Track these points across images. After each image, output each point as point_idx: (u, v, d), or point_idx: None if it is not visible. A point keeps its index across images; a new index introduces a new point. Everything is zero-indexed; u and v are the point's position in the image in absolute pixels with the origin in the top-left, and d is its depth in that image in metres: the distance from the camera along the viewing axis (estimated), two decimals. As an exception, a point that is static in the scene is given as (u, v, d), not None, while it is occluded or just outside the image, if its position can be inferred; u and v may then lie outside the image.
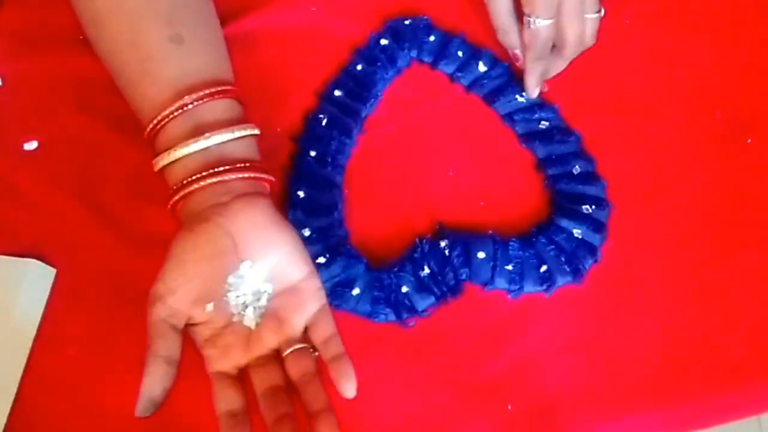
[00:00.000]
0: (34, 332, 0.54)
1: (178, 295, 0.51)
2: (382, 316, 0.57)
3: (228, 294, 0.53)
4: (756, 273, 0.60)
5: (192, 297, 0.52)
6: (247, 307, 0.53)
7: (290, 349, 0.53)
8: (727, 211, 0.62)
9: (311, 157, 0.61)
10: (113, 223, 0.58)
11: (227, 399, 0.52)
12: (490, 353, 0.57)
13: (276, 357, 0.53)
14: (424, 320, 0.57)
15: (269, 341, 0.53)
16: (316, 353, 0.54)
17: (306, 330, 0.54)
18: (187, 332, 0.53)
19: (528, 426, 0.55)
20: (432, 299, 0.57)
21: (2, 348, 0.54)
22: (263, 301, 0.54)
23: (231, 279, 0.53)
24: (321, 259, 0.57)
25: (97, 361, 0.54)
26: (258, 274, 0.53)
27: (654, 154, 0.63)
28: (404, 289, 0.57)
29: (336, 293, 0.57)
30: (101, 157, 0.60)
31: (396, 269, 0.58)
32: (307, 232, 0.58)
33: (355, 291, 0.57)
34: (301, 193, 0.59)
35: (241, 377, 0.53)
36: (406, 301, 0.57)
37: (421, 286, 0.57)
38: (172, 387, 0.51)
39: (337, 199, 0.60)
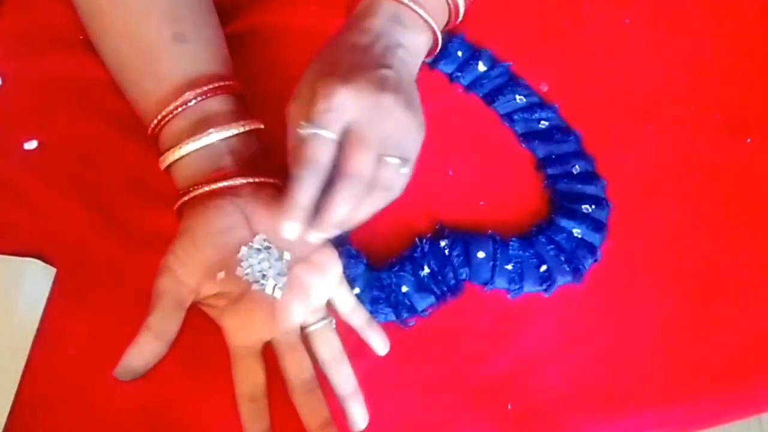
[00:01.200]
0: (34, 332, 0.54)
1: (189, 266, 0.51)
2: (382, 316, 0.57)
3: (242, 263, 0.53)
4: (756, 273, 0.60)
5: (202, 267, 0.52)
6: (265, 276, 0.53)
7: (316, 326, 0.54)
8: (726, 211, 0.62)
9: (311, 156, 0.61)
10: (113, 223, 0.58)
11: (248, 381, 0.52)
12: (490, 353, 0.57)
13: (302, 337, 0.54)
14: (424, 320, 0.57)
15: (296, 314, 0.53)
16: (333, 323, 0.55)
17: (328, 302, 0.55)
18: (198, 312, 0.53)
19: (528, 426, 0.55)
20: (432, 299, 0.57)
21: (2, 348, 0.54)
22: (282, 269, 0.53)
23: (245, 249, 0.53)
24: (321, 259, 0.57)
25: (97, 361, 0.53)
26: (272, 246, 0.53)
27: (654, 153, 0.63)
28: (404, 288, 0.57)
29: (336, 293, 0.57)
30: (101, 157, 0.60)
31: (396, 269, 0.58)
32: (307, 232, 0.58)
33: (355, 290, 0.57)
34: (301, 193, 0.59)
35: (264, 352, 0.53)
36: (406, 301, 0.57)
37: (421, 286, 0.57)
38: (157, 362, 0.51)
39: (337, 198, 0.60)
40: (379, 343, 0.55)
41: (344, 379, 0.53)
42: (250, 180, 0.54)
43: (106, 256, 0.57)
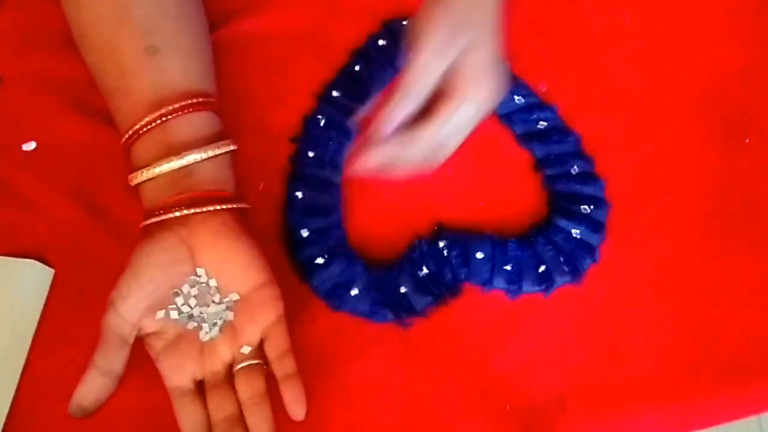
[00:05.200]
0: (33, 332, 0.54)
1: (130, 302, 0.51)
2: (381, 317, 0.57)
3: (176, 299, 0.53)
4: (756, 273, 0.60)
5: (144, 304, 0.52)
6: (194, 317, 0.53)
7: (242, 365, 0.53)
8: (726, 211, 0.62)
9: (309, 158, 0.61)
10: (113, 223, 0.58)
11: (190, 419, 0.51)
12: (489, 353, 0.57)
13: (230, 374, 0.53)
14: (423, 320, 0.57)
15: (223, 353, 0.53)
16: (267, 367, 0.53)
17: (261, 342, 0.54)
18: (143, 345, 0.53)
19: (528, 426, 0.55)
20: (430, 299, 0.57)
21: (2, 348, 0.54)
22: (219, 310, 0.53)
23: (177, 291, 0.53)
24: (319, 260, 0.57)
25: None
26: (210, 282, 0.53)
27: (653, 154, 0.63)
28: (403, 289, 0.57)
29: (335, 294, 0.57)
30: (101, 157, 0.60)
31: (394, 269, 0.58)
32: (305, 233, 0.58)
33: (354, 291, 0.57)
34: (299, 194, 0.59)
35: (200, 389, 0.53)
36: (405, 302, 0.57)
37: (420, 287, 0.57)
38: (106, 399, 0.51)
39: (335, 199, 0.60)
40: (294, 403, 0.51)
41: (260, 422, 0.51)
42: (200, 210, 0.53)
43: (105, 256, 0.57)
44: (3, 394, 0.52)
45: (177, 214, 0.52)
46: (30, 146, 0.60)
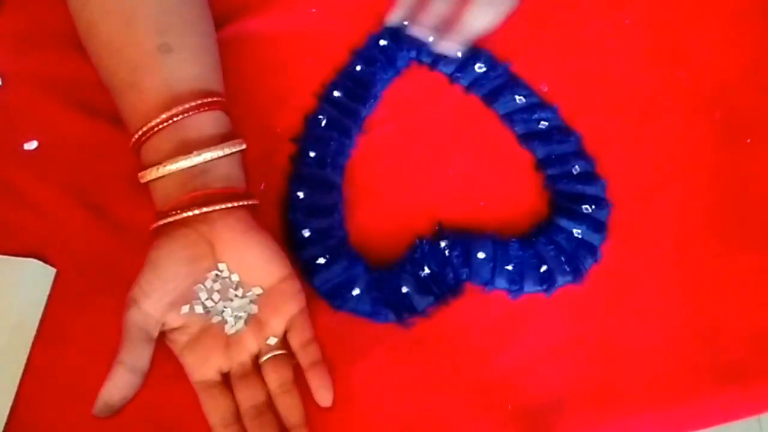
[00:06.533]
0: (34, 332, 0.54)
1: (153, 298, 0.52)
2: (383, 316, 0.57)
3: (200, 294, 0.53)
4: (756, 273, 0.60)
5: (167, 300, 0.52)
6: (224, 311, 0.53)
7: (268, 355, 0.53)
8: (726, 211, 0.62)
9: (311, 158, 0.61)
10: (113, 223, 0.58)
11: (217, 410, 0.52)
12: (490, 353, 0.57)
13: (257, 365, 0.54)
14: (424, 320, 0.57)
15: (249, 345, 0.54)
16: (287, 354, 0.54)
17: (285, 333, 0.54)
18: (165, 340, 0.53)
19: (528, 426, 0.55)
20: (432, 299, 0.57)
21: (2, 348, 0.54)
22: (243, 304, 0.54)
23: (199, 286, 0.53)
24: (321, 260, 0.57)
25: (97, 361, 0.54)
26: (231, 277, 0.54)
27: (654, 153, 0.63)
28: (404, 289, 0.57)
29: (336, 294, 0.57)
30: (101, 157, 0.60)
31: (396, 270, 0.58)
32: (306, 233, 0.58)
33: (355, 291, 0.57)
34: (300, 194, 0.60)
35: (226, 381, 0.53)
36: (407, 302, 0.57)
37: (421, 287, 0.57)
38: (133, 396, 0.52)
39: (336, 199, 0.60)
40: (321, 388, 0.53)
41: (290, 410, 0.52)
42: (218, 207, 0.53)
43: (106, 256, 0.57)
44: (5, 394, 0.52)
45: (197, 212, 0.53)
46: (31, 145, 0.60)
